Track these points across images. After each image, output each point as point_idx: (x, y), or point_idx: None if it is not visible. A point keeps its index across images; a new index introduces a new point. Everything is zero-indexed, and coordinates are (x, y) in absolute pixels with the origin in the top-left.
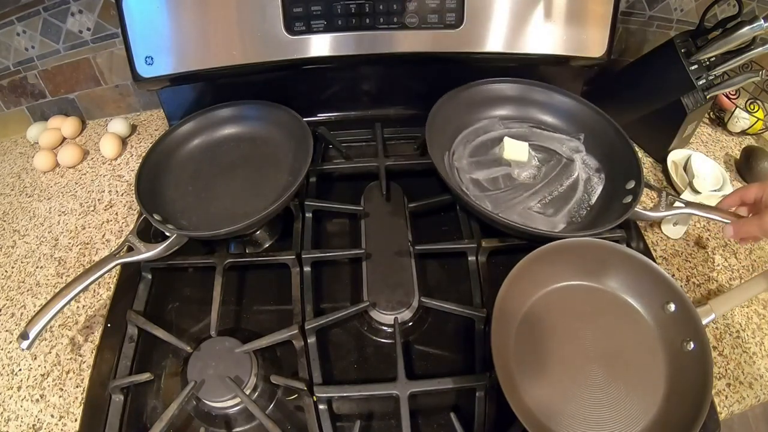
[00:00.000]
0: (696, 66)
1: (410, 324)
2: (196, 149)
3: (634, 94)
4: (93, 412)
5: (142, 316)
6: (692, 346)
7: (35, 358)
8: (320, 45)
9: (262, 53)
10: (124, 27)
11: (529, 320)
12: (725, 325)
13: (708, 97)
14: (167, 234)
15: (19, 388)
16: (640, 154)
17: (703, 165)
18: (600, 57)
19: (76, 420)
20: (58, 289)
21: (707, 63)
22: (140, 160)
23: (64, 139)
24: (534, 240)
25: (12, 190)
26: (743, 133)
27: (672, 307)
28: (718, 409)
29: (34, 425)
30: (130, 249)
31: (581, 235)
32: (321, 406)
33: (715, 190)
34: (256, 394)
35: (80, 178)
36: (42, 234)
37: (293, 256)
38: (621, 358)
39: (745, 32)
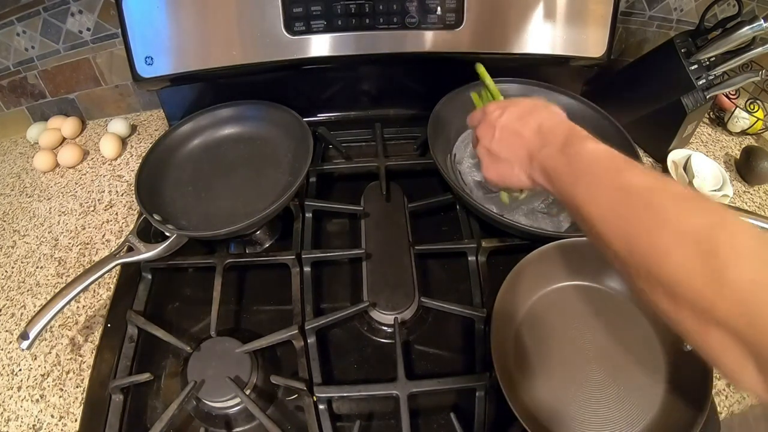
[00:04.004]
0: (696, 66)
1: (410, 324)
2: (196, 149)
3: (634, 94)
4: (93, 412)
5: (142, 316)
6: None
7: (35, 358)
8: (320, 45)
9: (262, 53)
10: (124, 27)
11: (529, 320)
12: None
13: (708, 97)
14: (167, 234)
15: (19, 388)
16: (641, 153)
17: (703, 165)
18: (600, 57)
19: (76, 420)
20: (58, 289)
21: (707, 63)
22: (140, 160)
23: (64, 139)
24: (539, 240)
25: (12, 190)
26: (743, 132)
27: None
28: (718, 409)
29: (34, 425)
30: (130, 249)
31: (582, 234)
32: (321, 406)
33: (715, 190)
34: (256, 394)
35: (80, 178)
36: (42, 234)
37: (293, 256)
38: (621, 358)
39: (745, 32)
